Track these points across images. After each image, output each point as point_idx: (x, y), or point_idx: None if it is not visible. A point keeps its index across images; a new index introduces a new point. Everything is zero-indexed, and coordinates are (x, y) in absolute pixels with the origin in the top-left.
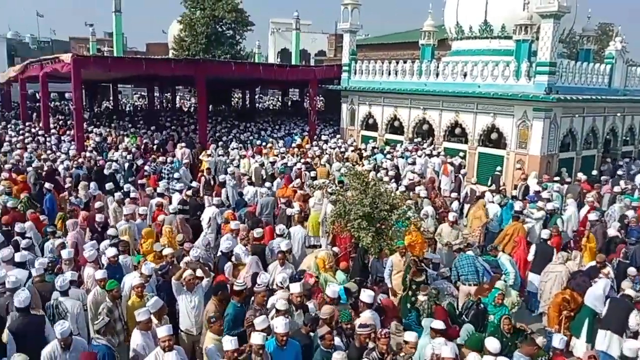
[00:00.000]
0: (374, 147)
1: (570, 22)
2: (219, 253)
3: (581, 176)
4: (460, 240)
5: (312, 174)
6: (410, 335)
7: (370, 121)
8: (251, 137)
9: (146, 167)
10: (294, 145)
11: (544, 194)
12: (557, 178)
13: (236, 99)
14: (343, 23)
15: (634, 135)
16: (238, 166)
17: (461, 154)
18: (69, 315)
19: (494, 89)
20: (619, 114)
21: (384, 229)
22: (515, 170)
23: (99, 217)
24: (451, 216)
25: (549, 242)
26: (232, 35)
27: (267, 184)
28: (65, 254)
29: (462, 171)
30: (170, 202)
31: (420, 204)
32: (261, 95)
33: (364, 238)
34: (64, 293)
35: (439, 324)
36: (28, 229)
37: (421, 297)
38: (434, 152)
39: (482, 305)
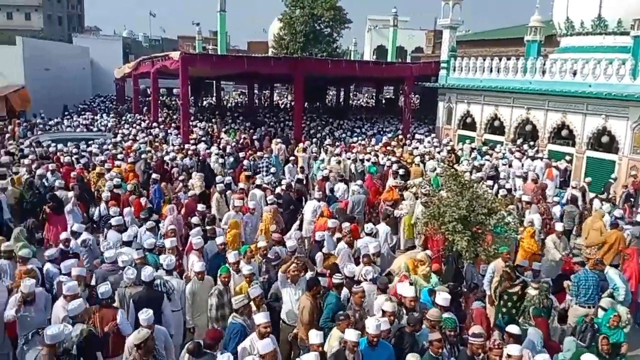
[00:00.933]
0: (472, 148)
1: None
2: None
3: None
4: (567, 253)
5: (401, 171)
6: (514, 349)
7: (468, 120)
8: (344, 135)
9: (245, 162)
10: (381, 143)
11: None
12: None
13: (330, 96)
14: (443, 19)
15: None
16: (330, 162)
17: (567, 157)
18: (175, 292)
19: (606, 89)
20: None
21: (481, 233)
22: (629, 177)
23: (200, 207)
24: (559, 226)
25: None
26: (329, 33)
27: (359, 181)
28: (168, 243)
29: (587, 180)
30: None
31: (521, 209)
32: (355, 92)
33: (459, 242)
34: (169, 272)
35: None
36: (127, 214)
37: (532, 291)
38: (538, 155)
39: (595, 326)
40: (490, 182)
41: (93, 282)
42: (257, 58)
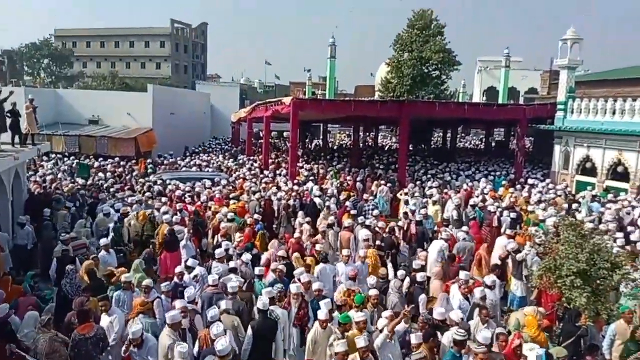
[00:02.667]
0: (593, 195)
1: None
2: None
3: None
4: None
5: (512, 215)
6: None
7: (588, 165)
8: (449, 177)
9: (347, 203)
10: (488, 188)
11: None
12: None
13: (436, 137)
14: (561, 59)
15: None
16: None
17: None
18: (280, 323)
19: None
20: None
21: (602, 289)
22: None
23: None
24: None
25: None
26: (437, 75)
27: (465, 227)
28: (293, 288)
29: None
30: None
31: None
32: (463, 134)
33: (578, 298)
34: (273, 301)
35: None
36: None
37: None
38: None
39: None
40: (620, 234)
41: (199, 306)
42: (363, 102)
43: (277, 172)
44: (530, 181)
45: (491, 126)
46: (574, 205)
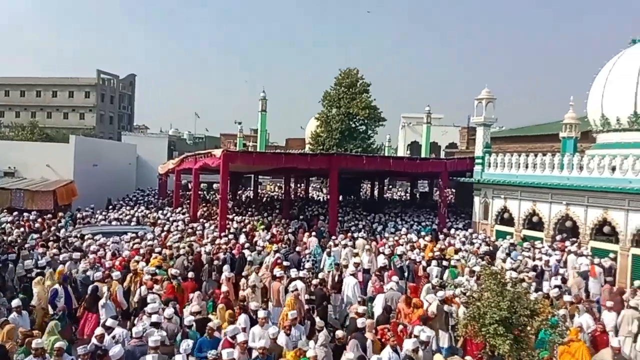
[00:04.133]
0: (511, 244)
1: None
2: None
3: None
4: None
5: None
6: None
7: (506, 215)
8: (379, 228)
9: (278, 255)
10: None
11: None
12: None
13: (365, 189)
14: (476, 117)
15: None
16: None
17: (612, 255)
18: None
19: None
20: None
21: (524, 336)
22: None
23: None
24: (615, 342)
25: None
26: (364, 130)
27: (395, 277)
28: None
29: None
30: None
31: (566, 310)
32: (390, 186)
33: (501, 346)
34: None
35: None
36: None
37: None
38: (581, 252)
39: None
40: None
41: None
42: (294, 154)
43: (207, 224)
44: (452, 231)
45: (415, 178)
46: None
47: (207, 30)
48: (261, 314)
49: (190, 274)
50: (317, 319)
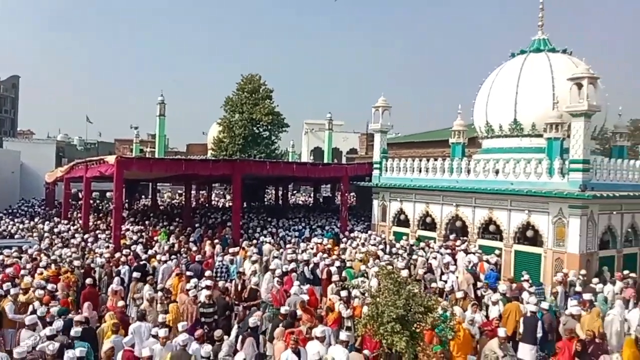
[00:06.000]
0: (409, 244)
1: (602, 119)
2: None
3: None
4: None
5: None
6: None
7: (402, 217)
8: (283, 233)
9: (181, 265)
10: (315, 241)
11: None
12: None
13: (269, 195)
14: (374, 124)
15: None
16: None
17: (497, 251)
18: None
19: (527, 186)
20: None
21: (419, 332)
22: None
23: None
24: (502, 332)
25: None
26: (268, 136)
27: (297, 282)
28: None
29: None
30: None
31: (456, 305)
32: (294, 191)
33: (398, 343)
34: None
35: None
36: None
37: None
38: (470, 249)
39: None
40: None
41: None
42: (195, 160)
43: (101, 235)
44: (353, 234)
45: (318, 183)
46: (393, 255)
47: (100, 31)
48: (162, 332)
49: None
50: (218, 331)
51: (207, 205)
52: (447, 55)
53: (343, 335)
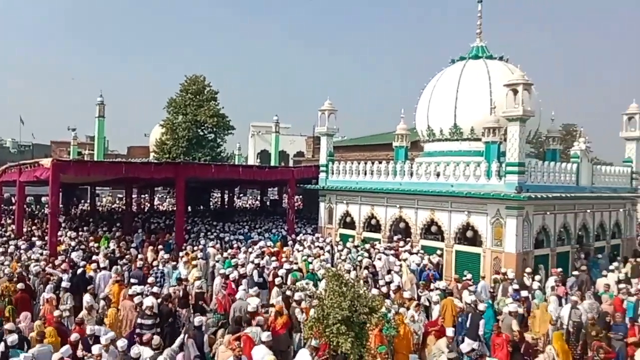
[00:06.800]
0: (354, 246)
1: (536, 124)
2: None
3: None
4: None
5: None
6: None
7: (348, 219)
8: (230, 237)
9: (125, 273)
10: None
11: (523, 293)
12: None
13: (215, 199)
14: (320, 127)
15: (605, 231)
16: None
17: (439, 251)
18: None
19: (466, 188)
20: (588, 211)
21: (364, 333)
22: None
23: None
24: (450, 332)
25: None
26: (213, 138)
27: (242, 287)
28: None
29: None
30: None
31: (399, 304)
32: (240, 194)
33: (343, 344)
34: None
35: None
36: None
37: None
38: (414, 250)
39: None
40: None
41: None
42: (136, 163)
43: (37, 242)
44: (300, 236)
45: (265, 186)
46: (338, 255)
47: (34, 27)
48: (103, 340)
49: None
50: (156, 338)
51: (149, 209)
52: (392, 58)
53: (314, 342)
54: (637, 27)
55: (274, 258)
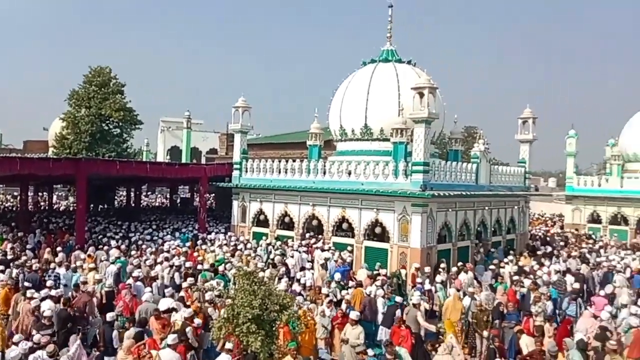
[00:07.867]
0: (267, 244)
1: (440, 126)
2: None
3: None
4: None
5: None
6: None
7: (262, 218)
8: (135, 237)
9: (14, 273)
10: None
11: (427, 285)
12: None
13: (120, 197)
14: (234, 124)
15: (501, 227)
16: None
17: (349, 248)
18: None
19: (375, 187)
20: (486, 208)
21: (275, 330)
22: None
23: None
24: (354, 315)
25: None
26: (119, 133)
27: (148, 289)
28: None
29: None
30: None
31: (310, 300)
32: (148, 192)
33: (253, 343)
34: None
35: None
36: None
37: None
38: (325, 247)
39: None
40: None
41: None
42: (32, 159)
43: None
44: (211, 236)
45: (176, 184)
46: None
47: None
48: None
49: None
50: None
51: (47, 208)
52: (308, 58)
53: (228, 345)
54: (535, 38)
55: (183, 258)
